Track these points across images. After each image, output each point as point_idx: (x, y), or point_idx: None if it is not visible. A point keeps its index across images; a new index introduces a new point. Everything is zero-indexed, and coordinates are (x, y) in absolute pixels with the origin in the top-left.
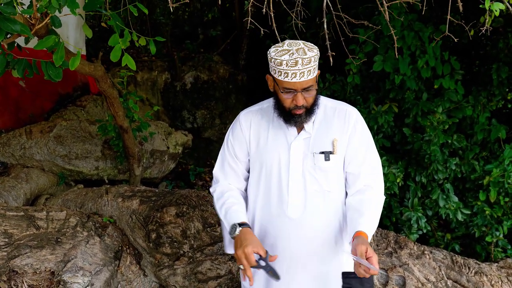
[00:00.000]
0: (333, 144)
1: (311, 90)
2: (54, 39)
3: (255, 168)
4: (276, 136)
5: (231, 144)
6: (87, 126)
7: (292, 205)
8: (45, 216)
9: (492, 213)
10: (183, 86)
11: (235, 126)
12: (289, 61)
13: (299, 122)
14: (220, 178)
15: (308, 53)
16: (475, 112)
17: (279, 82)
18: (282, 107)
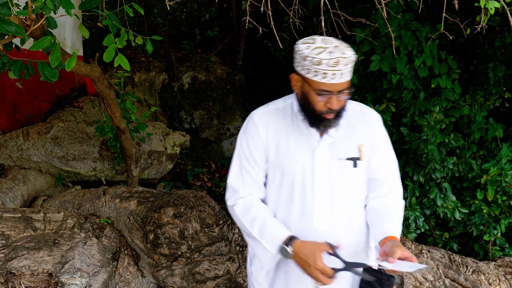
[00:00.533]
0: (360, 149)
1: (345, 92)
2: (49, 40)
3: (275, 176)
4: (298, 140)
5: (247, 148)
6: (84, 127)
7: (318, 215)
8: (42, 218)
9: (489, 211)
10: (181, 87)
11: (250, 128)
12: (330, 60)
13: (328, 127)
14: (239, 188)
15: (347, 52)
16: (472, 111)
17: (314, 83)
18: (312, 110)
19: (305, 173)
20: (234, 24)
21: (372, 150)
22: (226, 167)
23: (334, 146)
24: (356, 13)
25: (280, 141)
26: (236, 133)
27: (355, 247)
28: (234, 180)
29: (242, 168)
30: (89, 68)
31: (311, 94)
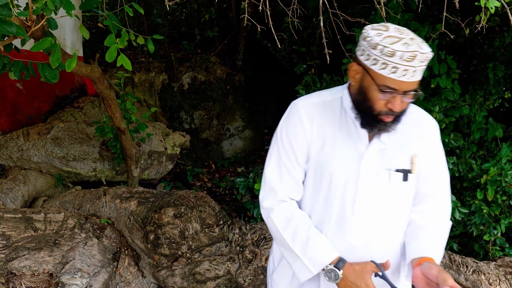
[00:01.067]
0: (412, 161)
1: (411, 94)
2: (50, 41)
3: (314, 178)
4: (345, 141)
5: (288, 141)
6: (84, 128)
7: (356, 230)
8: (43, 218)
9: (489, 211)
10: (181, 87)
11: (293, 119)
12: (405, 53)
13: (383, 130)
14: (277, 188)
15: (425, 47)
16: (472, 111)
17: (379, 77)
18: (369, 108)
19: (348, 180)
20: (234, 25)
21: (425, 162)
22: (226, 167)
23: (385, 153)
24: (356, 13)
25: (325, 139)
26: (236, 133)
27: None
28: (273, 177)
29: (280, 164)
30: (90, 68)
31: (371, 90)
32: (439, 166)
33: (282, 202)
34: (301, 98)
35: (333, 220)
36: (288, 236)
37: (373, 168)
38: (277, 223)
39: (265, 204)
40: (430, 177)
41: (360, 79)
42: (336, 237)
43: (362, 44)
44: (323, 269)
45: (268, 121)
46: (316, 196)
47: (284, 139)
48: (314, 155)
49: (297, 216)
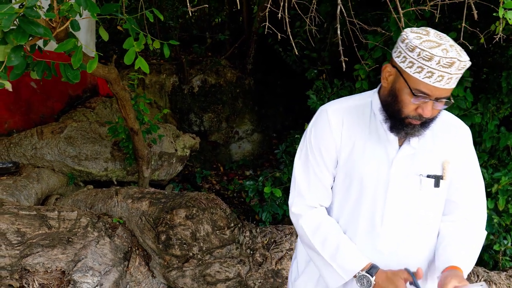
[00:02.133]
0: (444, 166)
1: (443, 101)
2: (73, 42)
3: (343, 183)
4: (374, 146)
5: (316, 146)
6: (97, 128)
7: (385, 237)
8: (57, 216)
9: (500, 221)
10: (191, 90)
11: (322, 124)
12: (443, 58)
13: (411, 134)
14: (306, 193)
15: (463, 55)
16: (484, 120)
17: (413, 80)
18: (397, 111)
19: (378, 185)
20: (245, 28)
21: (457, 169)
22: (234, 170)
23: (415, 159)
24: (369, 19)
25: (355, 143)
26: (245, 136)
27: None
28: (302, 182)
29: (309, 169)
30: (107, 69)
31: (403, 93)
32: (472, 175)
33: (311, 208)
34: (330, 103)
35: (363, 226)
36: (317, 242)
37: (404, 173)
38: (306, 229)
39: (294, 210)
40: (462, 186)
41: (392, 81)
42: (365, 243)
43: (400, 46)
44: (354, 275)
45: (277, 125)
46: (345, 201)
47: (313, 144)
48: (344, 159)
49: (327, 222)
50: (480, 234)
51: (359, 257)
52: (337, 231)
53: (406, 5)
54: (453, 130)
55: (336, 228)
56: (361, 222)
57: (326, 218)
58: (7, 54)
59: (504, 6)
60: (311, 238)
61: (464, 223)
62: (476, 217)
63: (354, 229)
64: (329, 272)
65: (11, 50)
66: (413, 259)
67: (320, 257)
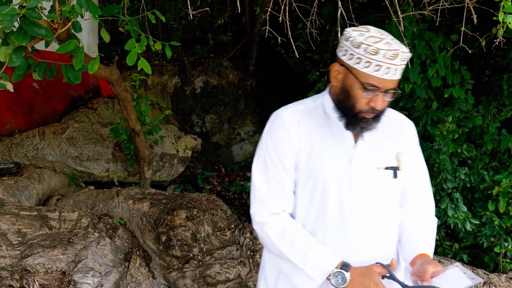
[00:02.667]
0: (398, 158)
1: (392, 92)
2: (75, 43)
3: (306, 186)
4: (332, 145)
5: (274, 151)
6: (98, 129)
7: (357, 234)
8: (57, 217)
9: (501, 223)
10: (193, 91)
11: (278, 128)
12: (388, 51)
13: (365, 129)
14: (268, 201)
15: (404, 48)
16: (485, 122)
17: (362, 75)
18: (351, 107)
19: (341, 184)
20: (247, 30)
21: (407, 160)
22: (236, 171)
23: (371, 153)
24: (370, 22)
25: (313, 145)
26: (247, 138)
27: None
28: (262, 189)
29: (269, 175)
30: (108, 70)
31: (354, 88)
32: (420, 165)
33: (275, 214)
34: (283, 108)
35: (332, 225)
36: (285, 248)
37: (363, 168)
38: (272, 236)
39: (257, 219)
40: (412, 176)
41: (342, 79)
42: (337, 242)
43: (345, 45)
44: (329, 274)
45: None
46: (310, 203)
47: (270, 150)
48: (303, 162)
49: (292, 226)
50: (433, 220)
51: (330, 257)
52: (303, 234)
53: (407, 8)
54: (398, 124)
55: (302, 231)
56: (330, 222)
57: (291, 222)
58: (9, 55)
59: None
60: (277, 244)
61: (422, 211)
62: (427, 205)
63: (323, 230)
64: (301, 277)
65: (12, 51)
66: (383, 252)
67: (289, 262)
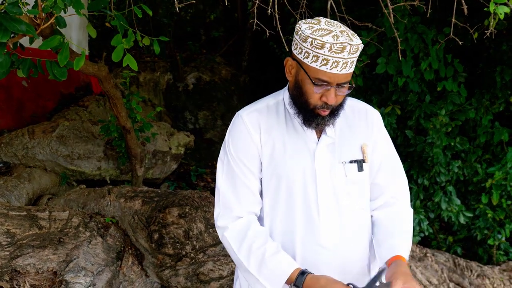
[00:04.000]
0: (363, 150)
1: (345, 87)
2: (59, 39)
3: (269, 184)
4: (294, 142)
5: (238, 154)
6: (89, 127)
7: (326, 231)
8: (47, 216)
9: (494, 216)
10: (185, 87)
11: (239, 130)
12: (334, 44)
13: (321, 125)
14: (232, 204)
15: (354, 39)
16: (478, 115)
17: (311, 70)
18: (304, 103)
19: (306, 180)
20: (239, 25)
21: (373, 151)
22: None
23: (335, 147)
24: (362, 15)
25: (275, 143)
26: None
27: (362, 263)
28: (225, 192)
29: (234, 178)
30: (96, 67)
31: (305, 83)
32: (389, 155)
33: (237, 218)
34: (244, 108)
35: (300, 223)
36: (243, 256)
37: (327, 163)
38: (231, 242)
39: (219, 223)
40: (382, 167)
41: (295, 74)
42: (307, 241)
43: (296, 38)
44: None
45: None
46: (276, 202)
47: (233, 151)
48: (267, 161)
49: (252, 232)
50: (410, 212)
51: (284, 265)
52: (262, 240)
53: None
54: (363, 114)
55: (262, 236)
56: (298, 220)
57: (253, 227)
58: None
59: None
60: (237, 253)
61: (395, 205)
62: (401, 195)
63: (292, 229)
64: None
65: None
66: (354, 249)
67: (248, 272)
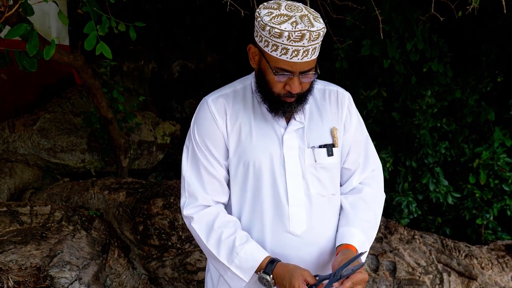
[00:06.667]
0: (333, 134)
1: (310, 74)
2: (25, 27)
3: (237, 171)
4: (262, 127)
5: (203, 141)
6: (71, 118)
7: (295, 217)
8: (29, 211)
9: (482, 195)
10: (171, 76)
11: (204, 116)
12: (292, 33)
13: (288, 112)
14: (198, 193)
15: (316, 24)
16: (464, 95)
17: (272, 59)
18: (269, 92)
19: (274, 166)
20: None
21: (343, 135)
22: None
23: (304, 132)
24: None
25: (241, 128)
26: None
27: (332, 249)
28: (191, 182)
29: (199, 166)
30: (72, 57)
31: (268, 73)
32: (360, 138)
33: (204, 207)
34: (211, 93)
35: (269, 210)
36: (212, 245)
37: (297, 148)
38: (199, 232)
39: (185, 212)
40: (351, 151)
41: (258, 62)
42: (276, 227)
43: (255, 25)
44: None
45: None
46: (244, 189)
47: (198, 138)
48: (233, 147)
49: (220, 221)
50: (379, 197)
51: (255, 253)
52: (232, 229)
53: None
54: (333, 97)
55: (231, 225)
56: (266, 207)
57: (220, 216)
58: None
59: None
60: (205, 243)
61: (363, 189)
62: (370, 180)
63: (260, 216)
64: (229, 276)
65: None
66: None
67: (218, 261)
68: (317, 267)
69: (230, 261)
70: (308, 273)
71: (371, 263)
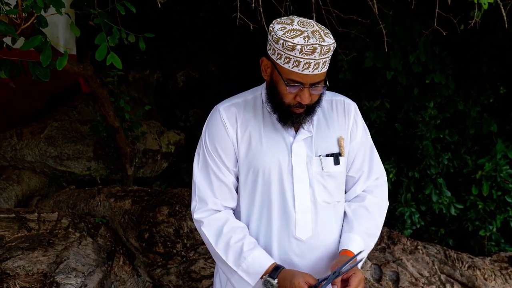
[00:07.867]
0: (339, 143)
1: (319, 86)
2: (40, 39)
3: (247, 178)
4: (272, 136)
5: (212, 147)
6: (78, 127)
7: (301, 223)
8: (36, 218)
9: (485, 207)
10: (175, 85)
11: (216, 124)
12: (304, 46)
13: (297, 123)
14: (207, 197)
15: (326, 39)
16: (467, 107)
17: (284, 71)
18: (279, 102)
19: (282, 174)
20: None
21: (351, 143)
22: None
23: (312, 141)
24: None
25: (251, 137)
26: None
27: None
28: (202, 187)
29: (209, 172)
30: (82, 67)
31: (279, 84)
32: (364, 147)
33: (214, 212)
34: (222, 102)
35: (277, 216)
36: (221, 249)
37: (304, 157)
38: (209, 236)
39: (195, 216)
40: (356, 159)
41: (270, 74)
42: (282, 234)
43: (269, 39)
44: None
45: None
46: (253, 196)
47: (209, 145)
48: (243, 155)
49: (230, 226)
50: (382, 205)
51: (262, 260)
52: (241, 234)
53: None
54: (340, 107)
55: (240, 230)
56: (274, 212)
57: (230, 221)
58: None
59: None
60: (214, 246)
61: (366, 198)
62: (378, 188)
63: (268, 221)
64: (236, 279)
65: None
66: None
67: (225, 264)
68: (320, 272)
69: (238, 265)
70: (309, 276)
71: (374, 273)
